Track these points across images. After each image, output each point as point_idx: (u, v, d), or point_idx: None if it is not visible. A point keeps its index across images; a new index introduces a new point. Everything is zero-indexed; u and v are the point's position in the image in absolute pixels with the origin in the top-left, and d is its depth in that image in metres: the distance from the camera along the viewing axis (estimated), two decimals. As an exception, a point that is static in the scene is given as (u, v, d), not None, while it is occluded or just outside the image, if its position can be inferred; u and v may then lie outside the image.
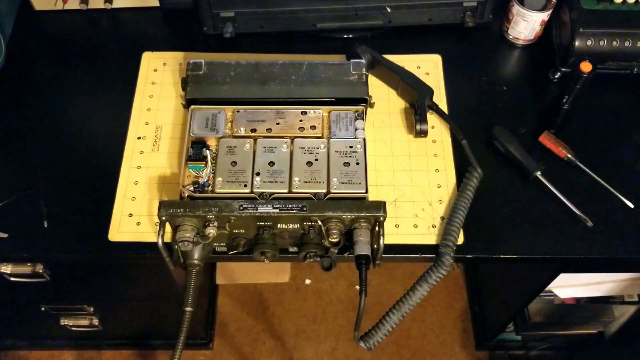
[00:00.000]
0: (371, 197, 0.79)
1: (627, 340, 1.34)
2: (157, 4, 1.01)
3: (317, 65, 0.85)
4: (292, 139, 0.79)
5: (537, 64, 0.97)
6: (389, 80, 0.93)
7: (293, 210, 0.71)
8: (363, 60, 0.87)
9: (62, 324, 1.16)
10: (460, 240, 0.80)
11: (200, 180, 0.76)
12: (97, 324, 1.17)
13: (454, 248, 0.77)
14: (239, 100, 0.83)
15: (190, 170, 0.76)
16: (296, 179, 0.76)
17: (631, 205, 0.83)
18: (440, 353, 1.43)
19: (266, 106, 0.82)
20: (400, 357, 1.42)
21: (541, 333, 1.33)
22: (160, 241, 0.72)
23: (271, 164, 0.77)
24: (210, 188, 0.76)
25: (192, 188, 0.75)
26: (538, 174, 0.83)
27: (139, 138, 0.88)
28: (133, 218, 0.81)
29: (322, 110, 0.82)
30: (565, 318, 1.27)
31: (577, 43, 0.90)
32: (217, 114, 0.81)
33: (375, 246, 0.74)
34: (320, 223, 0.72)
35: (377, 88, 0.93)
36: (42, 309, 1.09)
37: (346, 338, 1.45)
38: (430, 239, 0.80)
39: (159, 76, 0.94)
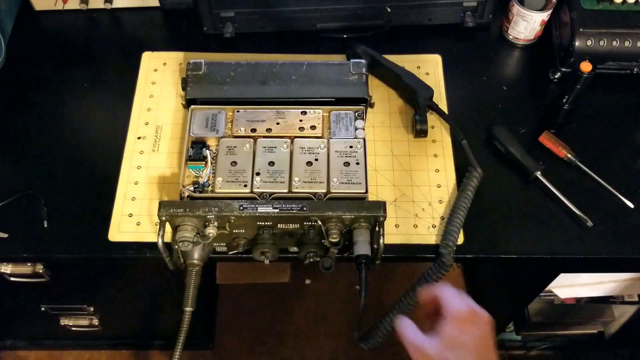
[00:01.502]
0: (371, 197, 0.79)
1: (627, 340, 1.34)
2: (157, 4, 1.01)
3: (317, 65, 0.85)
4: (292, 139, 0.79)
5: (537, 64, 0.97)
6: (389, 80, 0.93)
7: (293, 210, 0.71)
8: (363, 60, 0.87)
9: (62, 324, 1.16)
10: (460, 240, 0.80)
11: (200, 180, 0.76)
12: (97, 324, 1.17)
13: (454, 248, 0.77)
14: (239, 100, 0.83)
15: (190, 170, 0.77)
16: (296, 179, 0.76)
17: (631, 205, 0.83)
18: (440, 353, 1.43)
19: (266, 106, 0.82)
20: (400, 357, 1.42)
21: (541, 333, 1.33)
22: (160, 241, 0.72)
23: (271, 164, 0.77)
24: (210, 188, 0.76)
25: (192, 188, 0.75)
26: (538, 174, 0.83)
27: (139, 138, 0.88)
28: (133, 218, 0.81)
29: (322, 110, 0.82)
30: (565, 318, 1.27)
31: (577, 43, 0.90)
32: (217, 114, 0.81)
33: (375, 246, 0.73)
34: (320, 223, 0.72)
35: (377, 88, 0.93)
36: (42, 309, 1.09)
37: (346, 338, 1.45)
38: (430, 239, 0.80)
39: (159, 76, 0.94)
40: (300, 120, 0.81)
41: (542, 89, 0.95)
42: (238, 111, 0.82)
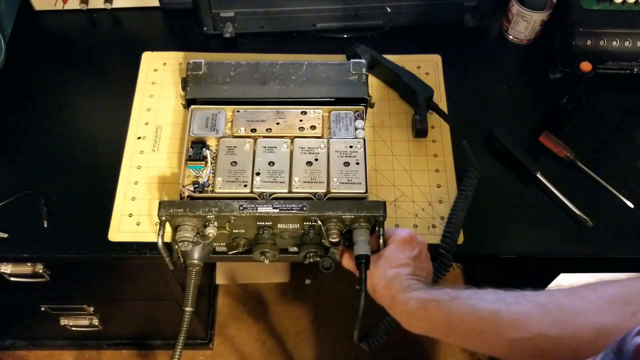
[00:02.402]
0: (371, 197, 0.79)
1: (627, 340, 1.34)
2: (157, 4, 1.01)
3: (317, 65, 0.85)
4: (292, 139, 0.79)
5: (537, 64, 0.97)
6: (389, 80, 0.93)
7: (293, 210, 0.71)
8: (363, 60, 0.87)
9: (62, 324, 1.16)
10: (460, 240, 0.80)
11: (200, 180, 0.76)
12: (97, 324, 1.17)
13: (454, 248, 0.77)
14: (239, 100, 0.83)
15: (190, 170, 0.76)
16: (296, 178, 0.76)
17: (631, 205, 0.83)
18: (440, 353, 1.43)
19: (266, 106, 0.82)
20: (400, 357, 1.42)
21: (541, 333, 1.33)
22: (160, 241, 0.72)
23: (271, 164, 0.77)
24: (210, 188, 0.76)
25: (192, 188, 0.75)
26: (538, 174, 0.83)
27: (139, 138, 0.88)
28: (133, 218, 0.81)
29: (322, 110, 0.82)
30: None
31: (577, 43, 0.90)
32: (217, 114, 0.81)
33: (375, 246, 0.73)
34: (320, 223, 0.72)
35: (377, 88, 0.93)
36: (42, 309, 1.09)
37: (346, 338, 1.44)
38: (430, 239, 0.80)
39: (159, 76, 0.94)
40: (300, 120, 0.81)
41: (542, 89, 0.95)
42: (238, 111, 0.82)
